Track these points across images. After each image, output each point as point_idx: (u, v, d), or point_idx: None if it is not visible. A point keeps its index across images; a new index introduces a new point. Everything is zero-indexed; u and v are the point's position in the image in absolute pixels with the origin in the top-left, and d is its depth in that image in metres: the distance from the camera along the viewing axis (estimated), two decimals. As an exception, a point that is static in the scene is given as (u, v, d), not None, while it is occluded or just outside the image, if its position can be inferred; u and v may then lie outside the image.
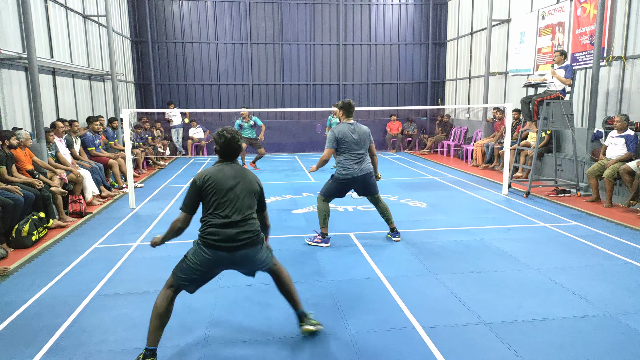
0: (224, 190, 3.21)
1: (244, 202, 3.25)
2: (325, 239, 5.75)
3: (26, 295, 4.31)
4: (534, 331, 3.59)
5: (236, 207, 3.22)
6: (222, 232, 3.19)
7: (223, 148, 3.32)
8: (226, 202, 3.20)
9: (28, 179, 6.49)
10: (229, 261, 3.25)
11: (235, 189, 3.24)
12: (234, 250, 3.20)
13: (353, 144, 5.50)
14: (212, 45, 15.93)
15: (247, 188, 3.30)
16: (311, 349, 3.37)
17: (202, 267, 3.25)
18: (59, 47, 9.74)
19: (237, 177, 3.28)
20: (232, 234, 3.19)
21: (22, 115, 8.07)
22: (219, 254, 3.20)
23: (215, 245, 3.19)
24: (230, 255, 3.21)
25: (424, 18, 16.73)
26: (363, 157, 5.60)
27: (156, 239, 3.59)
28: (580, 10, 9.63)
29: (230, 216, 3.20)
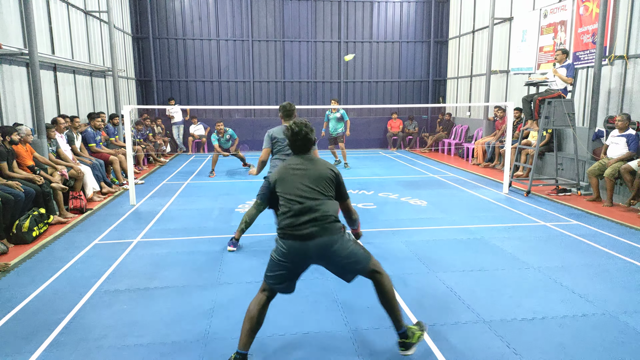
0: (290, 182, 3.17)
1: (311, 191, 3.13)
2: (233, 243, 5.50)
3: (26, 291, 4.32)
4: (533, 329, 3.59)
5: (303, 197, 3.11)
6: (291, 221, 3.09)
7: (290, 142, 3.29)
8: (293, 193, 3.14)
9: (29, 174, 6.49)
10: (305, 253, 3.08)
11: (302, 178, 3.16)
12: (306, 239, 3.05)
13: (287, 146, 5.36)
14: (214, 41, 15.91)
15: (314, 176, 3.17)
16: (311, 347, 3.38)
17: (284, 261, 3.12)
18: (60, 43, 9.73)
19: (304, 167, 3.19)
20: (299, 222, 3.06)
21: (23, 111, 8.07)
22: (293, 244, 3.08)
23: (287, 235, 3.10)
24: (304, 245, 3.06)
25: (426, 16, 16.70)
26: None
27: None
28: (582, 8, 9.60)
29: (298, 206, 3.09)
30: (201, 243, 5.78)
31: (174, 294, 4.28)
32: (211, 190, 9.01)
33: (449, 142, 14.87)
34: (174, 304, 4.08)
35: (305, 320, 3.76)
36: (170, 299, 4.18)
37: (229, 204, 7.86)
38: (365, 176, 10.63)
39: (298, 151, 3.30)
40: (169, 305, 4.04)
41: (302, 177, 3.17)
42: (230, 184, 9.68)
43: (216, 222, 6.74)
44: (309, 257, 3.12)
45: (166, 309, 3.97)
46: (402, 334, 3.22)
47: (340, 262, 3.15)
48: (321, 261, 3.18)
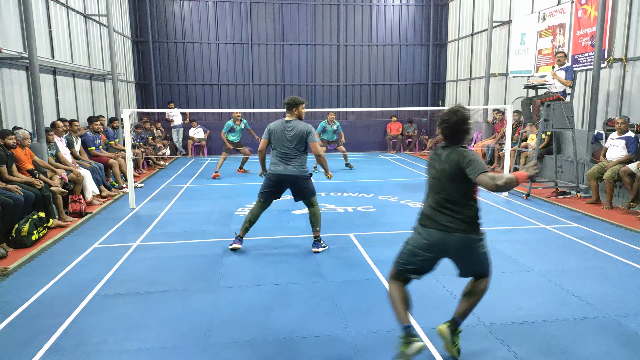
0: (432, 173, 3.22)
1: (449, 186, 3.10)
2: (238, 240, 5.57)
3: (26, 295, 4.31)
4: (533, 333, 3.58)
5: (440, 190, 3.13)
6: (433, 212, 3.14)
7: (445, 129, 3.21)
8: (433, 185, 3.19)
9: (28, 178, 6.48)
10: (443, 244, 3.11)
11: (441, 172, 3.14)
12: (448, 231, 3.08)
13: (283, 140, 5.35)
14: (213, 45, 15.94)
15: (451, 172, 3.09)
16: (311, 350, 3.37)
17: (418, 248, 3.19)
18: (60, 46, 9.75)
19: (446, 160, 3.13)
20: (439, 215, 3.11)
21: (22, 115, 8.07)
22: (432, 232, 3.12)
23: (427, 224, 3.16)
24: (444, 236, 3.09)
25: (425, 19, 16.74)
26: (290, 156, 5.37)
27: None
28: (581, 11, 9.63)
29: (436, 199, 3.14)
30: (201, 246, 5.78)
31: (174, 297, 4.28)
32: (211, 194, 9.00)
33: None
34: (174, 307, 4.07)
35: (305, 324, 3.75)
36: (170, 302, 4.17)
37: (229, 207, 7.86)
38: (364, 179, 10.63)
39: (451, 142, 3.22)
40: (168, 309, 4.03)
41: (442, 170, 3.13)
42: (230, 187, 9.67)
43: (216, 226, 6.73)
44: (443, 249, 3.17)
45: (166, 313, 3.96)
46: (453, 322, 3.30)
47: (471, 265, 3.29)
48: (452, 256, 3.23)
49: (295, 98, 5.45)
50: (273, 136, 5.44)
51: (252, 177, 10.99)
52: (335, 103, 16.69)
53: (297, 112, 5.43)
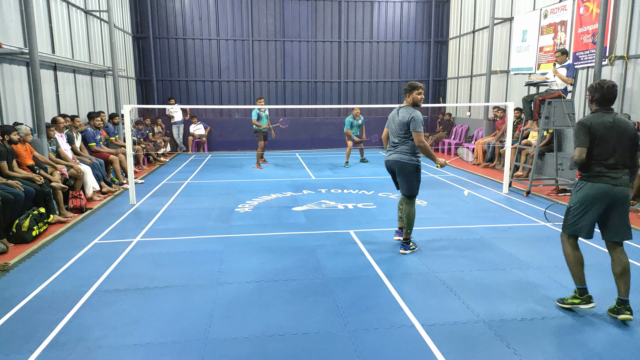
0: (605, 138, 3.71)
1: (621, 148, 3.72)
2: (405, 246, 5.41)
3: (26, 290, 4.32)
4: (533, 329, 3.59)
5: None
6: (607, 171, 3.71)
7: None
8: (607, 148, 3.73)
9: (28, 174, 6.49)
10: (609, 196, 3.66)
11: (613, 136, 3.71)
12: (615, 185, 3.67)
13: (393, 126, 5.41)
14: (214, 41, 15.91)
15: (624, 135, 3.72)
16: (311, 347, 3.38)
17: (585, 203, 3.74)
18: (61, 42, 9.73)
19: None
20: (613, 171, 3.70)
21: (23, 110, 8.07)
22: (602, 186, 3.68)
23: (601, 179, 3.71)
24: (611, 189, 3.67)
25: (426, 16, 16.70)
26: (396, 143, 5.32)
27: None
28: (582, 9, 9.60)
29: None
30: (201, 242, 5.78)
31: (174, 293, 4.28)
32: (211, 190, 9.01)
33: (449, 142, 14.86)
34: (174, 303, 4.08)
35: (305, 321, 3.75)
36: (170, 298, 4.18)
37: (229, 203, 7.86)
38: (365, 176, 10.63)
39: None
40: (168, 305, 4.04)
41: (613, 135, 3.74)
42: (230, 184, 9.68)
43: (216, 222, 6.74)
44: (607, 201, 3.71)
45: (166, 309, 3.97)
46: (619, 301, 3.75)
47: (621, 221, 3.75)
48: (611, 209, 3.72)
49: (412, 83, 5.37)
50: (388, 123, 5.53)
51: (252, 174, 11.00)
52: (336, 100, 16.68)
53: (410, 98, 5.34)
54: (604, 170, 3.71)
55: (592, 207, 3.73)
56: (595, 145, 3.72)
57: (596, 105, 3.85)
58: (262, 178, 10.42)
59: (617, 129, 3.71)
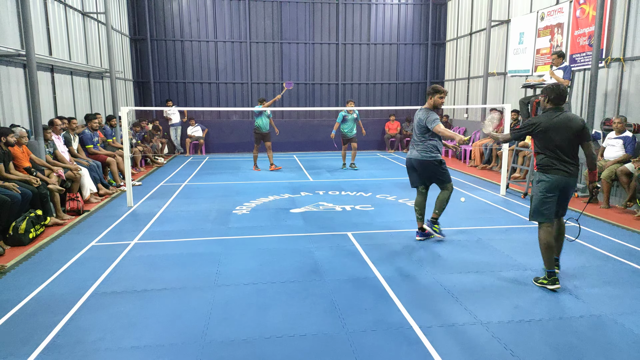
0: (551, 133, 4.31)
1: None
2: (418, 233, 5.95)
3: (23, 293, 4.31)
4: (530, 331, 3.60)
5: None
6: (558, 163, 4.30)
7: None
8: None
9: (25, 176, 6.47)
10: (563, 184, 4.32)
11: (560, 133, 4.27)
12: (570, 176, 4.32)
13: (414, 126, 5.84)
14: (211, 43, 15.91)
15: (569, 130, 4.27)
16: (308, 348, 3.38)
17: (548, 192, 4.34)
18: (58, 44, 9.72)
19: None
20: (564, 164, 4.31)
21: (20, 113, 8.05)
22: (559, 178, 4.31)
23: (558, 172, 4.31)
24: (565, 179, 4.31)
25: (424, 18, 16.74)
26: (415, 142, 5.77)
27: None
28: (579, 11, 9.64)
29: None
30: (199, 245, 5.78)
31: (172, 295, 4.28)
32: (209, 192, 9.00)
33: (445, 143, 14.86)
34: (171, 306, 4.07)
35: (302, 322, 3.75)
36: (168, 301, 4.17)
37: (227, 205, 7.86)
38: (363, 178, 10.64)
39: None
40: (166, 307, 4.03)
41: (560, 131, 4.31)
42: (228, 186, 9.67)
43: (214, 224, 6.73)
44: (561, 187, 4.35)
45: (163, 311, 3.96)
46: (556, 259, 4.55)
47: (568, 197, 4.50)
48: (563, 192, 4.40)
49: (436, 87, 5.71)
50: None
51: (250, 176, 11.00)
52: (333, 102, 16.70)
53: (432, 100, 5.70)
54: (558, 163, 4.31)
55: (551, 193, 4.36)
56: (545, 139, 4.31)
57: (551, 104, 4.35)
58: (260, 180, 10.42)
59: (567, 125, 4.25)
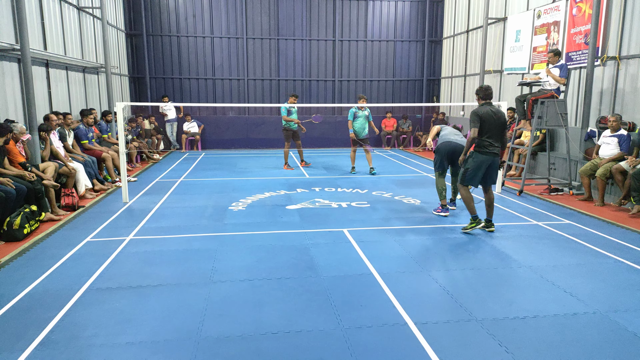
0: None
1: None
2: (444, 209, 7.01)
3: (17, 289, 4.29)
4: (525, 328, 3.61)
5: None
6: (489, 145, 5.85)
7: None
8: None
9: (20, 171, 6.44)
10: (490, 161, 5.86)
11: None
12: (494, 155, 5.85)
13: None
14: (208, 39, 15.85)
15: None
16: (304, 344, 3.38)
17: (478, 166, 5.87)
18: (53, 38, 9.65)
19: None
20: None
21: (14, 107, 8.00)
22: (487, 157, 5.84)
23: (486, 151, 5.85)
24: (491, 158, 5.85)
25: (421, 15, 16.73)
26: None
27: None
28: (575, 9, 9.66)
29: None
30: (194, 241, 5.77)
31: (167, 292, 4.27)
32: (204, 188, 8.98)
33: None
34: (167, 302, 4.07)
35: (298, 319, 3.76)
36: (163, 297, 4.16)
37: (223, 201, 7.84)
38: (359, 174, 10.64)
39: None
40: (161, 304, 4.02)
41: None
42: (224, 182, 9.66)
43: (209, 220, 6.72)
44: (487, 165, 5.90)
45: (158, 307, 3.95)
46: (487, 220, 6.15)
47: (493, 176, 6.07)
48: (489, 169, 5.94)
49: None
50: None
51: (246, 172, 10.98)
52: (330, 98, 16.68)
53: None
54: (488, 144, 5.79)
55: (481, 168, 5.86)
56: (483, 127, 5.78)
57: (482, 100, 5.99)
58: (256, 176, 10.40)
59: (496, 116, 5.81)
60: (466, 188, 6.03)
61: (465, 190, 6.04)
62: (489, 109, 5.80)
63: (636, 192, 6.87)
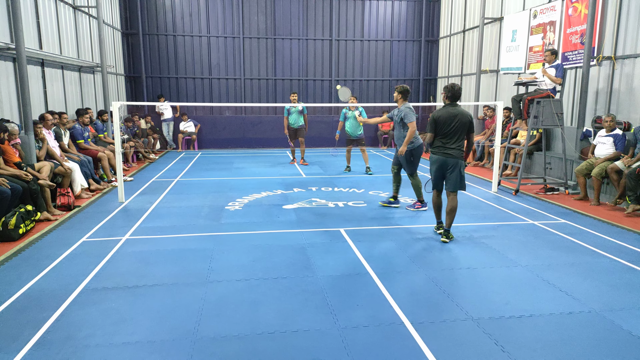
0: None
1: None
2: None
3: (12, 289, 4.27)
4: (520, 327, 3.62)
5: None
6: (444, 147, 5.64)
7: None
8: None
9: (15, 171, 6.41)
10: (444, 163, 5.62)
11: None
12: (449, 156, 5.58)
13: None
14: (204, 38, 15.82)
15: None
16: (300, 344, 3.38)
17: (433, 168, 5.76)
18: (48, 38, 9.62)
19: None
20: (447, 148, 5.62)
21: (9, 107, 7.96)
22: (440, 157, 5.65)
23: (437, 153, 5.69)
24: (445, 159, 5.60)
25: (417, 15, 16.75)
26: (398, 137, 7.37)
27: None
28: (571, 9, 9.69)
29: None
30: (190, 241, 5.76)
31: (163, 292, 4.26)
32: (201, 188, 8.97)
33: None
34: (163, 302, 4.06)
35: (295, 319, 3.75)
36: (159, 297, 4.15)
37: (219, 201, 7.83)
38: (356, 174, 10.65)
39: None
40: (157, 304, 4.01)
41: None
42: (220, 182, 9.64)
43: (206, 220, 6.71)
44: (444, 167, 5.65)
45: (155, 307, 3.94)
46: (446, 231, 5.72)
47: (453, 179, 5.65)
48: (445, 170, 5.65)
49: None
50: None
51: (243, 172, 10.97)
52: (327, 98, 16.69)
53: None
54: (440, 145, 5.63)
55: (434, 169, 5.73)
56: (438, 129, 5.60)
57: (448, 101, 5.66)
58: (253, 176, 10.39)
59: (458, 118, 5.53)
60: (434, 192, 5.96)
61: (433, 193, 5.99)
62: (450, 111, 5.57)
63: (631, 191, 6.90)
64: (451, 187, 5.67)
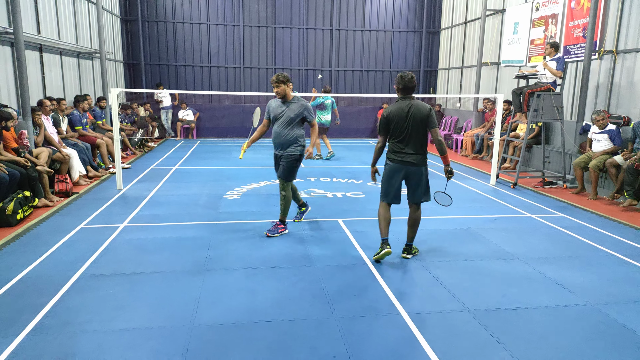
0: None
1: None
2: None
3: (10, 274, 4.27)
4: (516, 319, 3.65)
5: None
6: (400, 152, 4.67)
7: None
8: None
9: (14, 157, 6.39)
10: (402, 171, 4.68)
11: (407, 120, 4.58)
12: (406, 163, 4.64)
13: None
14: (204, 26, 15.70)
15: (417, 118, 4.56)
16: (297, 333, 3.40)
17: (387, 177, 4.76)
18: (47, 23, 9.52)
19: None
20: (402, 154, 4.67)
21: (7, 92, 7.91)
22: (396, 165, 4.68)
23: (394, 160, 4.70)
24: (403, 167, 4.66)
25: (419, 6, 16.63)
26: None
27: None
28: (574, 2, 9.63)
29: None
30: (188, 229, 5.76)
31: (161, 279, 4.27)
32: (199, 177, 8.95)
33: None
34: (160, 289, 4.07)
35: (291, 307, 3.77)
36: (157, 284, 4.16)
37: (218, 190, 7.83)
38: (354, 165, 10.65)
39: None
40: (155, 291, 4.03)
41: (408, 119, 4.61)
42: (219, 171, 9.63)
43: (204, 208, 6.71)
44: (402, 175, 4.73)
45: (152, 294, 3.96)
46: (407, 246, 4.93)
47: (416, 189, 4.79)
48: (407, 179, 4.75)
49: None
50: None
51: (241, 161, 10.95)
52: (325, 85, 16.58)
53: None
54: (397, 150, 4.66)
55: (392, 179, 4.73)
56: (390, 129, 4.65)
57: (400, 94, 4.65)
58: (251, 165, 10.38)
59: (412, 113, 4.52)
60: (381, 204, 4.84)
61: (381, 206, 4.85)
62: (403, 105, 4.54)
63: (629, 186, 6.92)
64: (416, 199, 4.80)
